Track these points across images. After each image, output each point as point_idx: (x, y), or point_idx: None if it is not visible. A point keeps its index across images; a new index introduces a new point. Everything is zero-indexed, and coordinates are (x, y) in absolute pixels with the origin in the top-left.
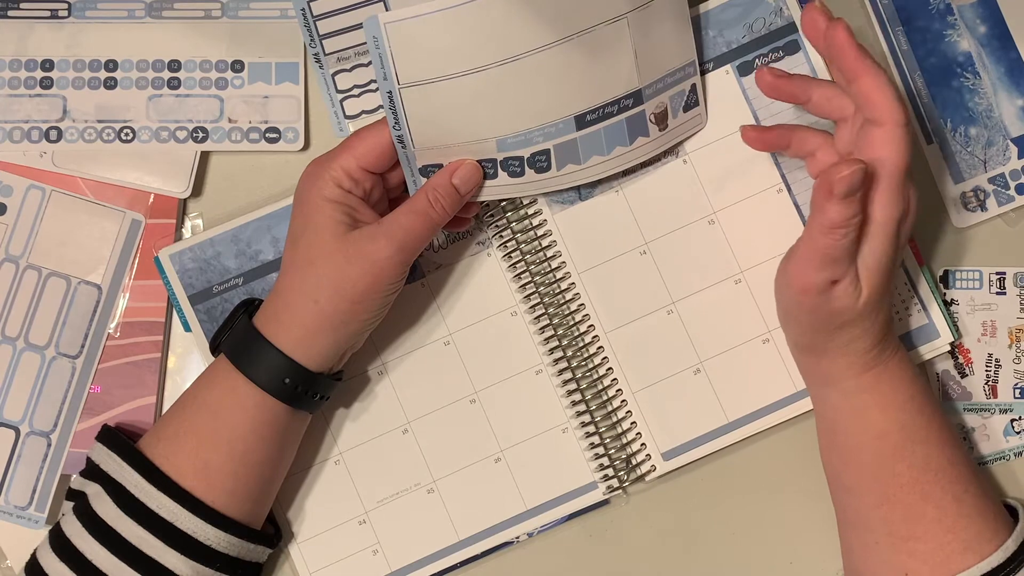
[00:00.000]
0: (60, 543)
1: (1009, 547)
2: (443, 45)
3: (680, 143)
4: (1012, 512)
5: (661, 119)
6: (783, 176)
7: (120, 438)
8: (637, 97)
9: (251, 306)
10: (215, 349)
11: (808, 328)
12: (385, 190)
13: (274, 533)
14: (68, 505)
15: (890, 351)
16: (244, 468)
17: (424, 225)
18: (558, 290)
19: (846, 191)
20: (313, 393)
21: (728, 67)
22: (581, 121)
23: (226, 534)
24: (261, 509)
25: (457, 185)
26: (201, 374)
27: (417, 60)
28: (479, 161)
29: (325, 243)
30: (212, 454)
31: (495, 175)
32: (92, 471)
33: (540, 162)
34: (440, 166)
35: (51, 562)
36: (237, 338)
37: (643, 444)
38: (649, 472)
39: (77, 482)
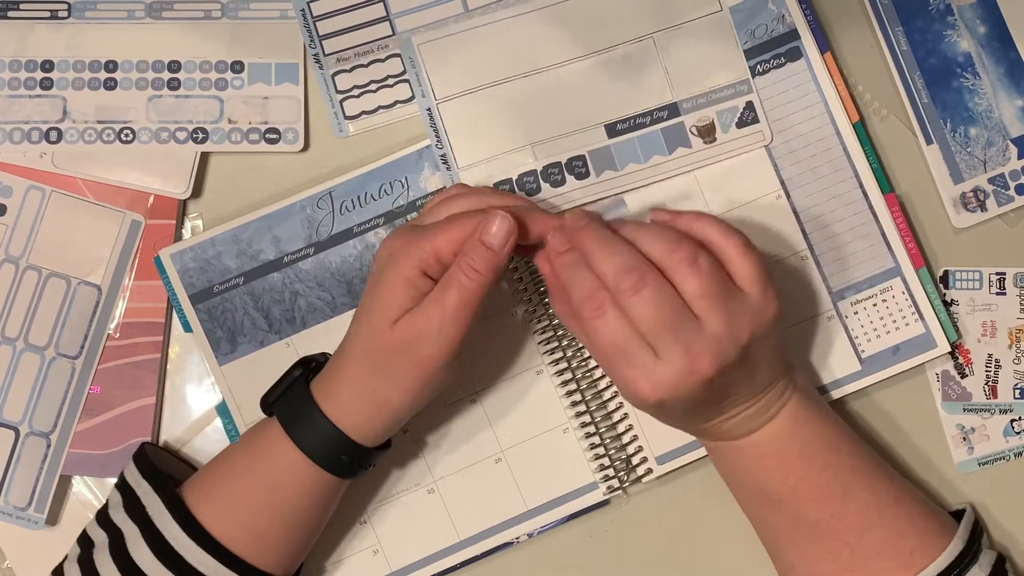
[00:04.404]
0: None
1: None
2: (472, 61)
3: (739, 156)
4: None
5: (706, 132)
6: (783, 182)
7: (165, 483)
8: (673, 110)
9: (307, 367)
10: (267, 408)
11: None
12: None
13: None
14: (101, 536)
15: (741, 431)
16: (296, 533)
17: (466, 317)
18: None
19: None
20: (367, 465)
21: None
22: (612, 130)
23: None
24: (300, 560)
25: (487, 241)
26: (252, 434)
27: (451, 76)
28: (520, 176)
29: (385, 335)
30: (267, 525)
31: (538, 189)
32: (132, 506)
33: (578, 167)
34: None
35: None
36: (296, 410)
37: (639, 447)
38: (646, 474)
39: (119, 518)
